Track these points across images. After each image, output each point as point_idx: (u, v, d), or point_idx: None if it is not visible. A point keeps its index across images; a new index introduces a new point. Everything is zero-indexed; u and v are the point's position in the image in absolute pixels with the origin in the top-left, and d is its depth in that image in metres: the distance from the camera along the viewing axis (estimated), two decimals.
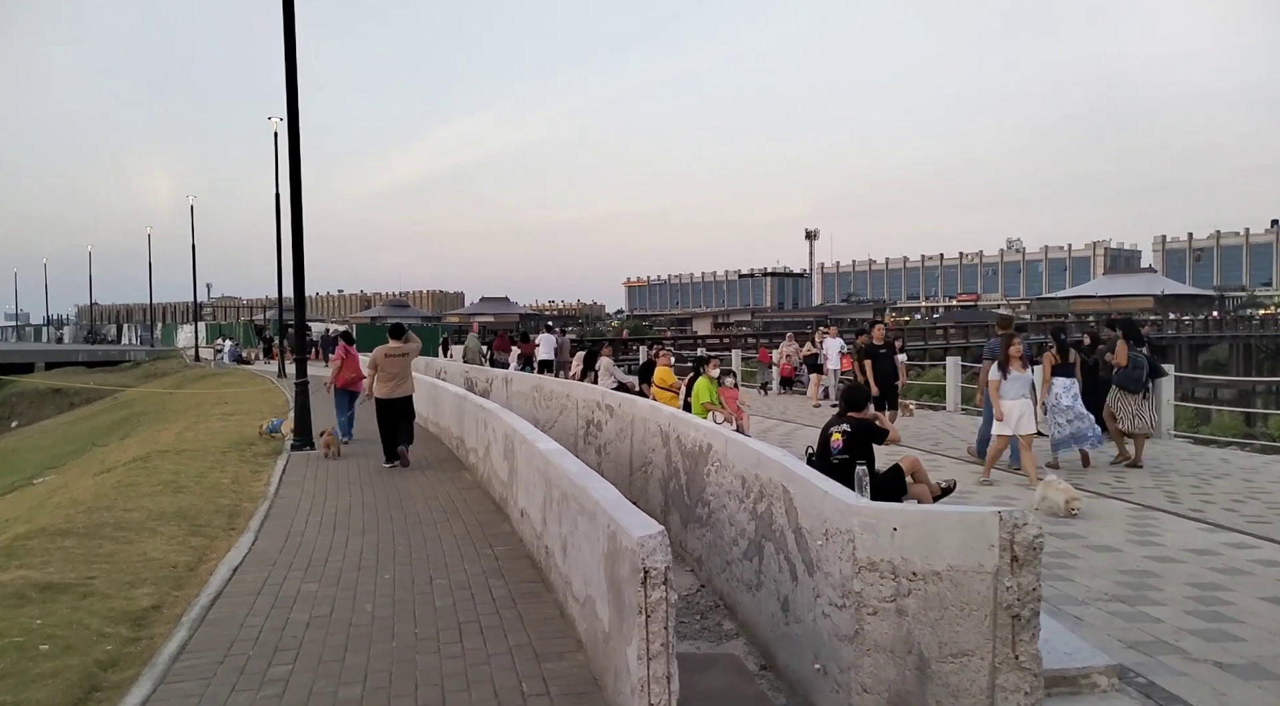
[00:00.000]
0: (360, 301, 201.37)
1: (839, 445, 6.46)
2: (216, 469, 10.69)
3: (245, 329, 61.95)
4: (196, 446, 12.83)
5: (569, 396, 14.08)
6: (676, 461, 8.13)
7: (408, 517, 7.85)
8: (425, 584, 5.74)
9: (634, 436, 10.26)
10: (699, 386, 10.24)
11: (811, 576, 4.48)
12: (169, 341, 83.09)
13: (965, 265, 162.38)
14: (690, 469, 7.65)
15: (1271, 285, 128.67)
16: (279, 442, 13.23)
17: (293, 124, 12.34)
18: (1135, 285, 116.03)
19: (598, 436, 12.09)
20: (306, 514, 8.12)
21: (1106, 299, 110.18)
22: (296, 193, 12.44)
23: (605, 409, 11.80)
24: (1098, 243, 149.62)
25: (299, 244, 12.41)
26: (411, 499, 8.73)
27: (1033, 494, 8.20)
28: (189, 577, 6.04)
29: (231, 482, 9.78)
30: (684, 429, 8.00)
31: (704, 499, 7.15)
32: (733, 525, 6.25)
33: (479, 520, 7.67)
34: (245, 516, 8.07)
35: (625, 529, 3.67)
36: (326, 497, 8.93)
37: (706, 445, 7.16)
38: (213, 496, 8.95)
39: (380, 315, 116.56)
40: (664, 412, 8.95)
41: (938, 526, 3.74)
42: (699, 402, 10.19)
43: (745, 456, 5.99)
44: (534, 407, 15.68)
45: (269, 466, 10.97)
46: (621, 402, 10.98)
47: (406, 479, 9.93)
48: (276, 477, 10.10)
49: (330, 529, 7.46)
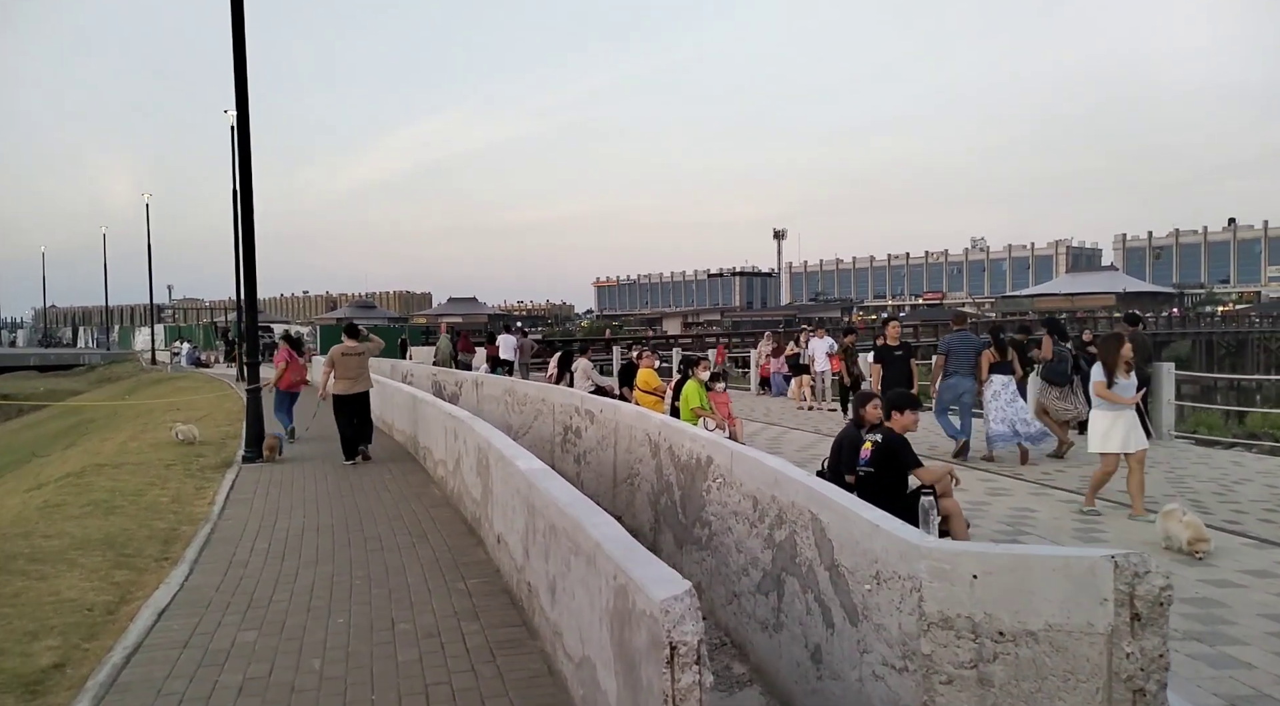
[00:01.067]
0: (325, 302, 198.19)
1: (867, 456, 5.69)
2: (157, 485, 9.71)
3: (205, 331, 60.21)
4: (139, 459, 11.80)
5: (545, 401, 13.23)
6: (669, 474, 7.34)
7: (368, 542, 6.96)
8: (386, 629, 4.87)
9: (618, 445, 9.44)
10: (688, 391, 9.44)
11: (856, 626, 3.70)
12: (126, 344, 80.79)
13: (931, 264, 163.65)
14: (685, 484, 6.85)
15: (1229, 282, 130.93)
16: (230, 453, 12.23)
17: (242, 119, 11.38)
18: (1097, 283, 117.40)
19: (576, 444, 11.27)
20: (252, 539, 7.20)
21: (1069, 297, 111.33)
22: (247, 187, 11.48)
23: (585, 414, 10.98)
24: (1060, 241, 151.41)
25: (249, 239, 11.43)
26: (373, 519, 7.84)
27: (1131, 523, 7.32)
28: (105, 624, 5.12)
29: (171, 501, 8.81)
30: (677, 438, 7.19)
31: (703, 518, 6.35)
32: (741, 551, 5.46)
33: (449, 544, 6.81)
34: (182, 543, 7.13)
35: (640, 585, 2.85)
36: (277, 518, 8.00)
37: (706, 458, 6.37)
38: (148, 518, 7.98)
39: (346, 316, 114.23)
40: (653, 420, 8.14)
41: (1033, 574, 2.96)
42: (688, 408, 9.39)
43: (757, 473, 5.20)
44: (506, 412, 14.80)
45: (216, 481, 10.00)
46: (603, 408, 10.16)
47: (368, 495, 9.02)
48: (223, 495, 9.14)
49: (278, 558, 6.55)
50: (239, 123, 11.44)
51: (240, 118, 11.40)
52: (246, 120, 11.40)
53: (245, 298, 11.52)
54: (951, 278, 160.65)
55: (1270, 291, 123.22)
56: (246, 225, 11.40)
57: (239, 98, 11.27)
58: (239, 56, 11.21)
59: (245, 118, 11.39)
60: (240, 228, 11.31)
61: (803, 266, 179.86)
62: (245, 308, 11.57)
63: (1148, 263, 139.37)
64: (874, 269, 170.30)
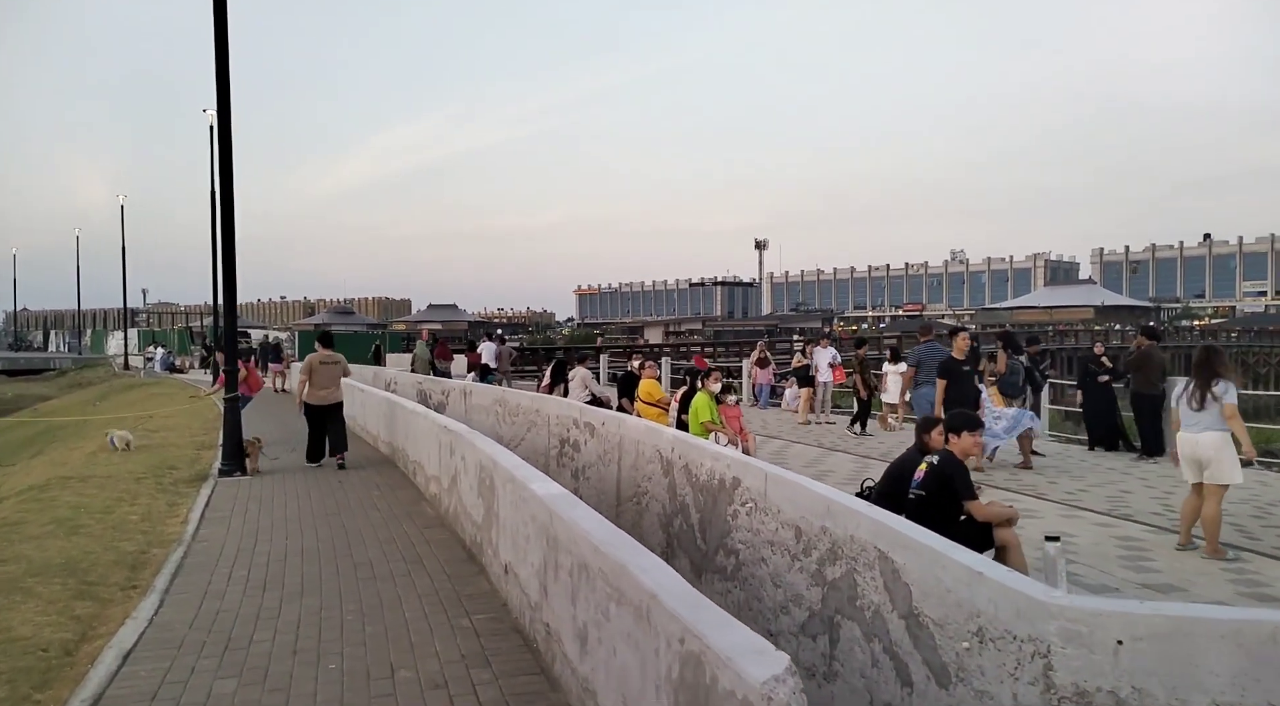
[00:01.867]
0: (304, 308, 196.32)
1: (920, 478, 5.17)
2: (126, 501, 9.03)
3: (180, 335, 59.00)
4: (107, 471, 11.09)
5: (539, 412, 12.64)
6: (685, 495, 6.79)
7: (358, 569, 6.35)
8: (385, 677, 4.27)
9: (622, 461, 8.88)
10: (698, 403, 8.88)
11: (946, 689, 3.16)
12: (99, 349, 79.14)
13: (911, 276, 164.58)
14: (706, 506, 6.31)
15: (1204, 297, 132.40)
16: (205, 466, 11.54)
17: (223, 122, 10.76)
18: (1076, 296, 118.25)
19: (574, 458, 10.70)
20: (230, 564, 6.57)
21: (1048, 309, 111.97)
22: (228, 189, 10.83)
23: (585, 427, 10.41)
24: (1038, 254, 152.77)
25: (229, 243, 10.78)
26: (362, 542, 7.22)
27: (1182, 555, 6.71)
28: (61, 669, 4.49)
29: (142, 520, 8.14)
30: (695, 456, 6.65)
31: (728, 546, 5.81)
32: (779, 586, 4.92)
33: (448, 572, 6.21)
34: (153, 568, 6.49)
35: (724, 657, 2.29)
36: (257, 539, 7.36)
37: (731, 479, 5.83)
38: (115, 539, 7.32)
39: (324, 322, 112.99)
40: (664, 435, 7.59)
41: (1195, 641, 2.45)
42: (697, 422, 8.84)
43: (802, 500, 4.67)
44: (497, 424, 14.20)
45: (190, 497, 9.33)
46: (606, 420, 9.60)
47: (355, 514, 8.39)
48: (198, 513, 8.47)
49: (259, 587, 5.92)
50: (219, 125, 10.83)
51: (221, 120, 10.79)
52: (228, 123, 10.80)
53: (225, 302, 10.87)
54: (931, 289, 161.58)
55: (1245, 306, 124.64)
56: (226, 228, 10.77)
57: (220, 100, 10.70)
58: (221, 58, 10.65)
59: (227, 120, 10.79)
60: (220, 231, 10.68)
61: (784, 277, 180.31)
62: (225, 312, 10.92)
63: (1125, 276, 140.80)
64: (854, 280, 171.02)
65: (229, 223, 10.79)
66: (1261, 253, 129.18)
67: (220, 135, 10.79)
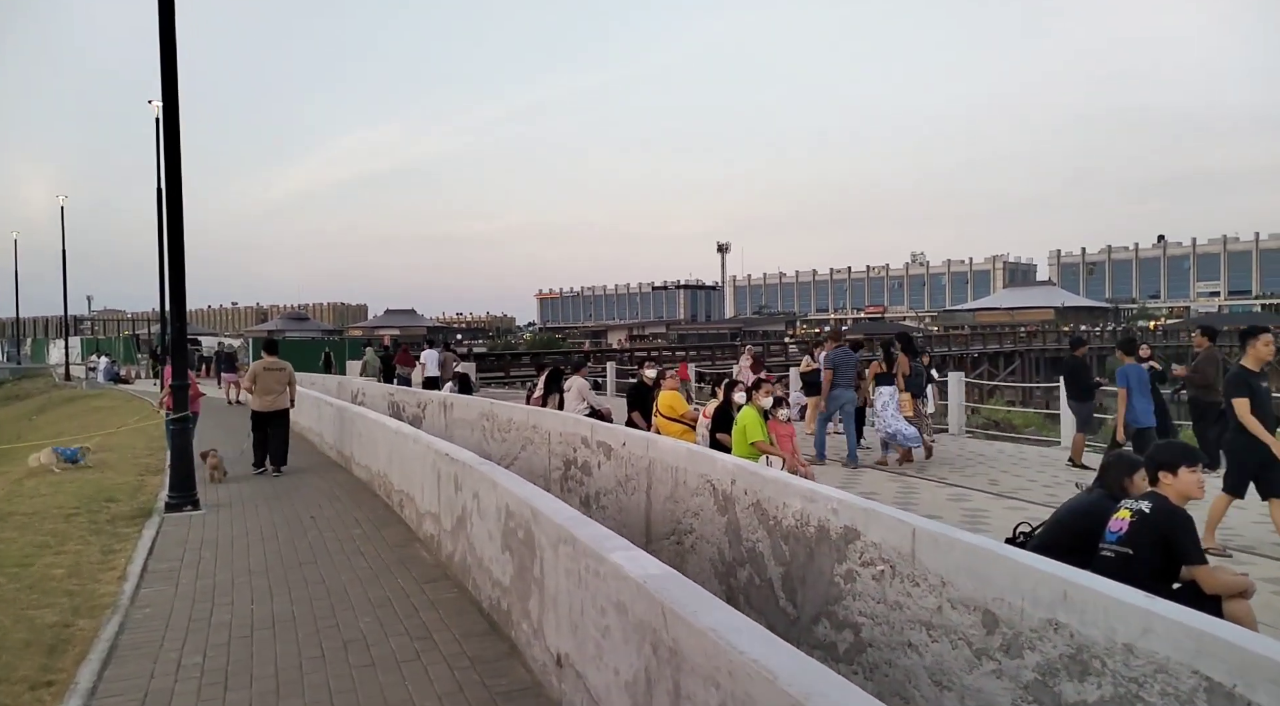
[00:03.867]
0: (256, 314, 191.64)
1: (1121, 529, 3.87)
2: (51, 547, 7.42)
3: (125, 343, 56.19)
4: (33, 505, 9.42)
5: (536, 428, 11.20)
6: (756, 542, 5.46)
7: (349, 649, 4.88)
8: None
9: (653, 489, 7.50)
10: (748, 420, 7.49)
11: None
12: (40, 358, 75.57)
13: (872, 279, 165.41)
14: (795, 560, 4.97)
15: (1159, 298, 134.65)
16: (149, 497, 9.90)
17: (171, 119, 9.17)
18: (1036, 297, 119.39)
19: (584, 483, 9.29)
20: (180, 643, 5.05)
21: (1009, 310, 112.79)
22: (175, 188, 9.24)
23: (598, 447, 9.01)
24: (997, 257, 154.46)
25: (177, 244, 9.18)
26: (348, 604, 5.74)
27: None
28: None
29: (68, 575, 6.55)
30: (772, 492, 5.31)
31: (839, 617, 4.48)
32: (948, 688, 3.60)
33: (468, 653, 4.77)
34: (77, 652, 4.95)
35: None
36: (214, 604, 5.84)
37: (842, 529, 4.50)
38: (32, 606, 5.75)
39: (278, 328, 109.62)
40: (719, 462, 6.24)
41: None
42: (744, 442, 7.47)
43: (999, 575, 3.33)
44: (484, 440, 12.72)
45: (130, 540, 7.72)
46: (628, 440, 8.22)
47: (334, 562, 6.88)
48: (138, 564, 6.89)
49: (219, 684, 4.42)
50: (166, 123, 9.22)
51: (168, 115, 9.20)
52: (175, 118, 9.22)
53: (173, 306, 9.26)
54: (892, 292, 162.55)
55: (1199, 306, 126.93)
56: (174, 230, 9.16)
57: (166, 97, 9.13)
58: (167, 53, 9.10)
59: (174, 115, 9.21)
60: (168, 232, 9.12)
61: (746, 280, 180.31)
62: (172, 318, 9.31)
63: (1081, 278, 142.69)
64: (816, 283, 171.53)
65: (176, 223, 9.18)
66: (1214, 254, 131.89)
67: (167, 131, 9.20)
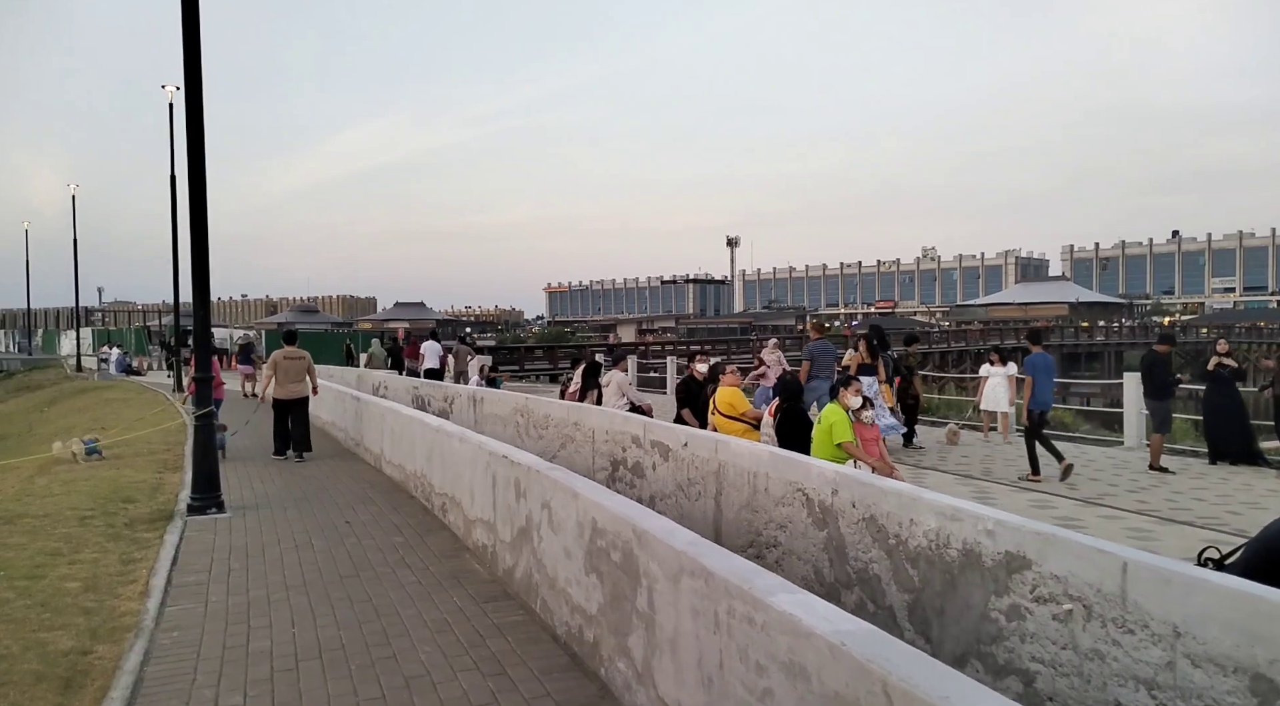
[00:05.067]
0: (266, 306, 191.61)
1: None
2: (66, 554, 6.76)
3: (137, 335, 55.73)
4: (45, 506, 8.78)
5: (578, 425, 10.52)
6: (870, 561, 4.79)
7: (412, 686, 4.19)
8: None
9: (725, 496, 6.82)
10: (834, 419, 6.75)
11: None
12: (51, 349, 75.25)
13: (883, 273, 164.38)
14: (930, 587, 4.29)
15: (1174, 293, 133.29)
16: (169, 497, 9.25)
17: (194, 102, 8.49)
18: (1049, 293, 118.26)
19: (636, 485, 8.62)
20: (215, 677, 4.38)
21: (1023, 306, 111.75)
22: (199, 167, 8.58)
23: (652, 447, 8.34)
24: (1009, 252, 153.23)
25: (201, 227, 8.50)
26: (401, 627, 5.06)
27: None
28: None
29: (84, 589, 5.89)
30: (890, 504, 4.64)
31: (999, 661, 3.82)
32: None
33: (553, 695, 4.07)
34: (97, 687, 4.28)
35: None
36: (250, 627, 5.17)
37: (999, 555, 3.83)
38: (43, 627, 5.09)
39: (288, 321, 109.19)
40: (814, 469, 5.55)
41: None
42: (829, 443, 6.75)
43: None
44: (518, 437, 12.05)
45: (151, 547, 7.06)
46: (690, 440, 7.54)
47: (379, 574, 6.21)
48: (162, 576, 6.23)
49: None
50: (190, 112, 8.54)
51: (192, 105, 8.53)
52: (200, 108, 8.55)
53: (196, 297, 8.57)
54: (903, 287, 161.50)
55: (1214, 302, 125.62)
56: (198, 219, 8.48)
57: (190, 85, 8.47)
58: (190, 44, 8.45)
59: (198, 105, 8.54)
60: (191, 222, 8.47)
61: (755, 274, 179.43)
62: (196, 309, 8.63)
63: (1095, 273, 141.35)
64: (826, 277, 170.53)
65: (200, 213, 8.50)
66: (1230, 249, 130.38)
67: (190, 119, 8.51)
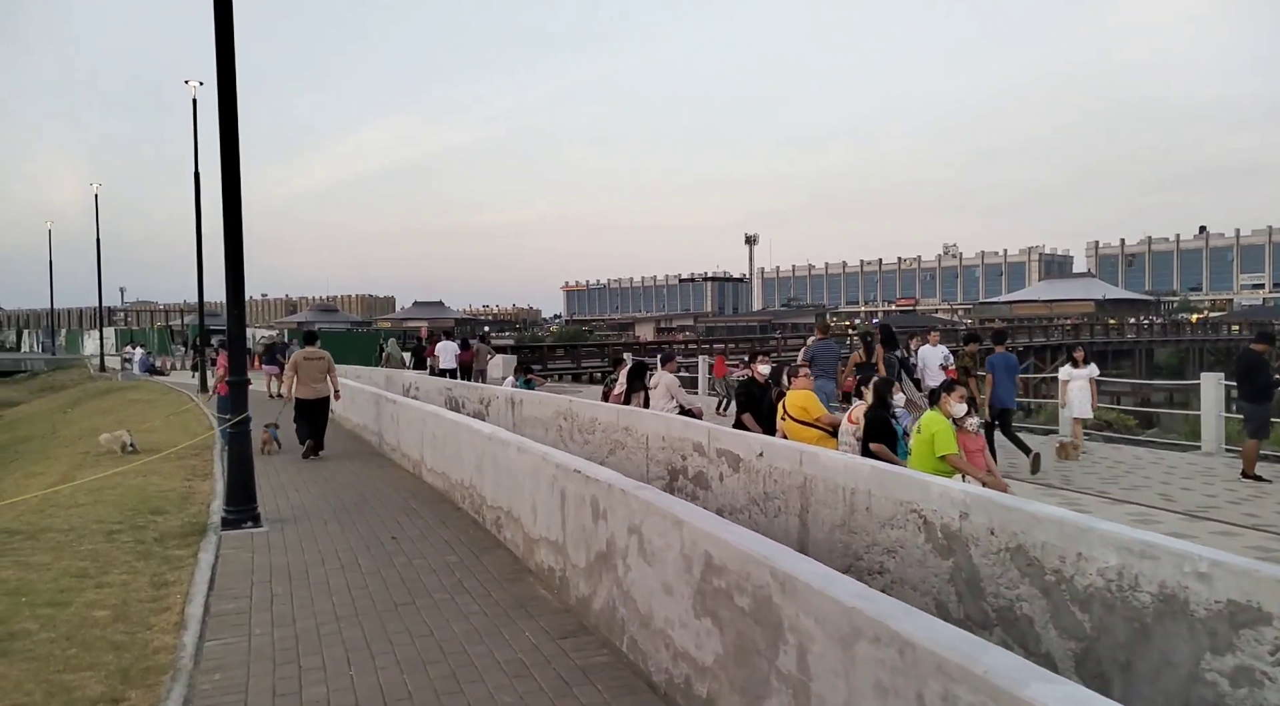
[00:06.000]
0: (285, 306, 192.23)
1: None
2: (92, 577, 6.19)
3: (160, 334, 55.64)
4: (70, 519, 8.23)
5: (629, 430, 9.91)
6: (1014, 600, 4.18)
7: None
8: None
9: (811, 514, 6.19)
10: (937, 427, 6.06)
11: None
12: (74, 349, 75.50)
13: (904, 270, 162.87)
14: (1117, 638, 3.68)
15: (1201, 290, 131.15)
16: (200, 509, 8.68)
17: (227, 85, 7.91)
18: (1075, 290, 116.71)
19: (700, 497, 7.98)
20: None
21: (1048, 303, 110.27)
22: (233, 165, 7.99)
23: (718, 456, 7.74)
24: (1032, 248, 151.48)
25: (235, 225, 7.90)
26: (475, 674, 4.42)
27: None
28: None
29: (114, 618, 5.32)
30: (1046, 534, 4.06)
31: None
32: None
33: None
34: None
35: None
36: (301, 664, 4.56)
37: (1221, 605, 3.22)
38: (70, 665, 4.51)
39: (308, 320, 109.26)
40: (934, 487, 4.94)
41: None
42: (929, 457, 6.07)
43: None
44: (561, 442, 11.44)
45: (185, 569, 6.47)
46: (766, 449, 6.93)
47: (435, 600, 5.59)
48: (198, 603, 5.63)
49: None
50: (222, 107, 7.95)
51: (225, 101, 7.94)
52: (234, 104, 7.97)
53: (230, 295, 7.97)
54: (924, 284, 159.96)
55: (1243, 298, 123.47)
56: (232, 218, 7.87)
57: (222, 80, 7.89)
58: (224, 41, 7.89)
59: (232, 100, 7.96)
60: (225, 221, 7.89)
61: (774, 272, 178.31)
62: (229, 307, 8.03)
63: (1120, 270, 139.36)
64: (846, 275, 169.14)
65: (234, 211, 7.89)
66: (1259, 245, 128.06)
67: (223, 116, 7.93)
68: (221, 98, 7.99)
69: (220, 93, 7.99)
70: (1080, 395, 11.11)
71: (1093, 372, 11.05)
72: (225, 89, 7.99)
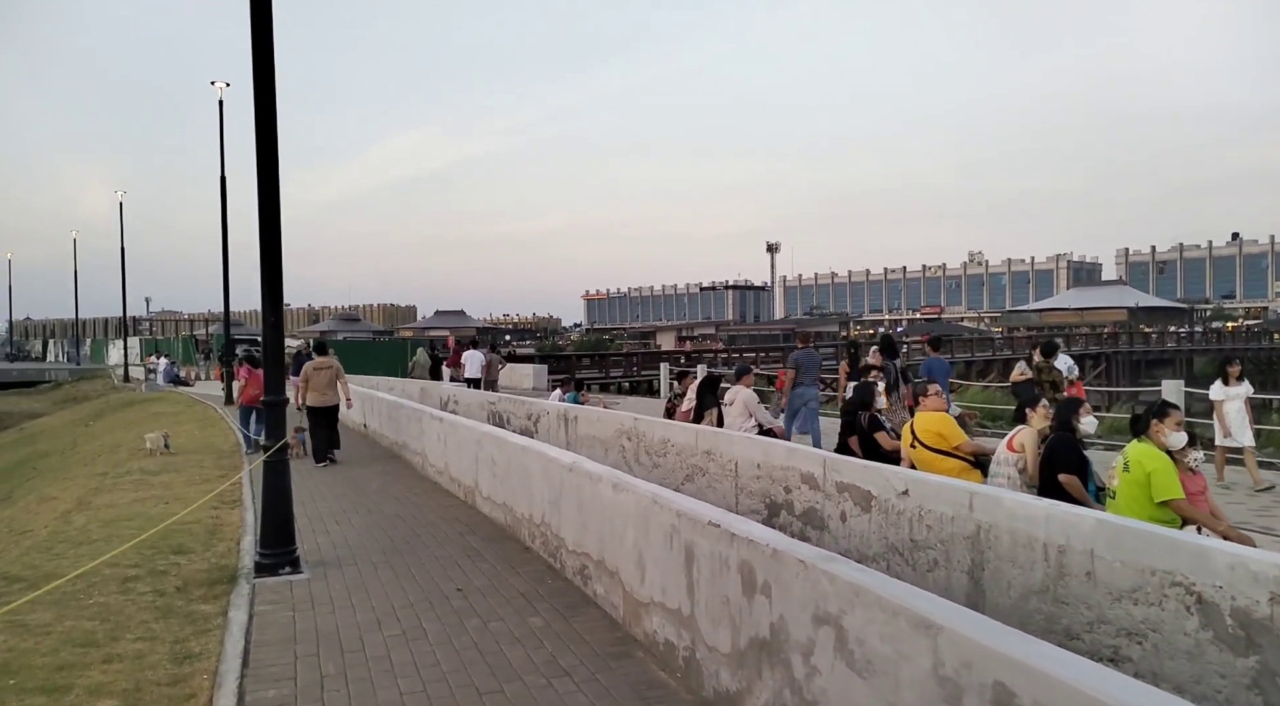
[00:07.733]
0: (308, 315, 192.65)
1: None
2: (101, 644, 5.04)
3: (184, 344, 55.05)
4: (77, 561, 7.09)
5: (710, 454, 8.71)
6: None
7: None
8: None
9: (990, 572, 4.97)
10: (1150, 466, 4.80)
11: None
12: (99, 358, 75.31)
13: (928, 278, 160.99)
14: None
15: (1235, 297, 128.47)
16: (228, 549, 7.53)
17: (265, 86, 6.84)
18: (1107, 297, 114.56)
19: (814, 540, 6.75)
20: None
21: (1079, 311, 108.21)
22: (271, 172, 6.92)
23: (838, 491, 6.54)
24: (1060, 255, 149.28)
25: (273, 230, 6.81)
26: None
27: None
28: None
29: (135, 688, 4.17)
30: None
31: None
32: None
33: None
34: None
35: None
36: None
37: None
38: None
39: (330, 329, 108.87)
40: (1213, 554, 3.69)
41: None
42: (1146, 502, 4.81)
43: None
44: (625, 464, 10.25)
45: (213, 635, 5.29)
46: (912, 486, 5.72)
47: (540, 697, 4.41)
48: (231, 685, 4.46)
49: None
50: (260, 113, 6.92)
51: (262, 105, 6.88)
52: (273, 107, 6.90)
53: (266, 303, 6.86)
54: (950, 292, 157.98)
55: (1278, 306, 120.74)
56: (269, 223, 6.79)
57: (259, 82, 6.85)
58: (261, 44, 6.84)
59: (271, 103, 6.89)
60: (261, 226, 6.83)
61: (796, 280, 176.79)
62: (265, 315, 6.90)
63: (1151, 276, 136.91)
64: (869, 283, 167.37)
65: (272, 216, 6.82)
66: None
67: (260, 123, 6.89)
68: (258, 99, 6.93)
69: (256, 94, 6.94)
70: (1239, 417, 9.35)
71: (1248, 390, 9.41)
72: (263, 89, 6.93)
